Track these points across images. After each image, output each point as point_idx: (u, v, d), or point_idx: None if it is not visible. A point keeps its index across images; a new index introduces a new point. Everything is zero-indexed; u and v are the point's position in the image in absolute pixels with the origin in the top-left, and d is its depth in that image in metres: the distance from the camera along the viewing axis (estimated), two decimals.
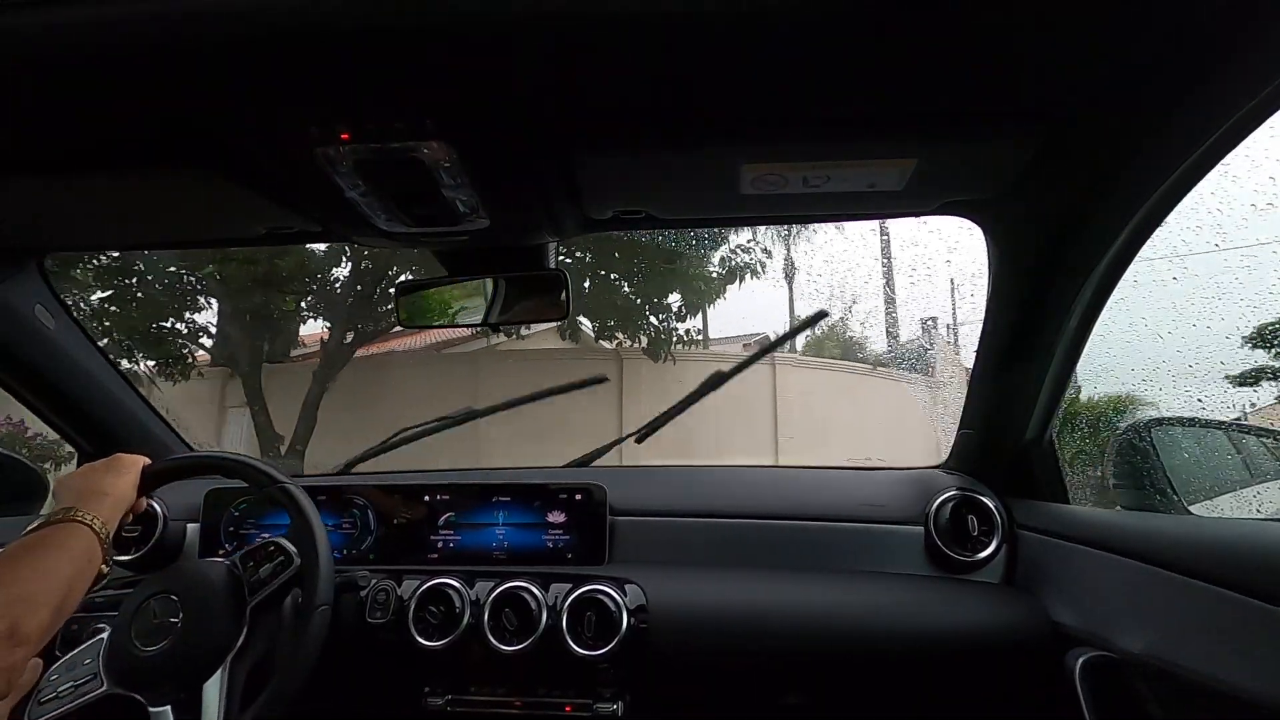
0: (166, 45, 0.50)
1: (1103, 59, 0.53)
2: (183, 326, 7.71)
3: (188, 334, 7.72)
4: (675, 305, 7.71)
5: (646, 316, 7.60)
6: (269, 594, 0.84)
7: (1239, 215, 0.98)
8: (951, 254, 5.38)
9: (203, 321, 8.07)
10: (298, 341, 9.04)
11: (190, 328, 7.86)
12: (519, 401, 1.35)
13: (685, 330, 7.71)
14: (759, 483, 1.21)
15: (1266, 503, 1.21)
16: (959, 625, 0.92)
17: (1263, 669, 0.59)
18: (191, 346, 7.46)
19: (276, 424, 7.25)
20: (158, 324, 7.21)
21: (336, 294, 7.44)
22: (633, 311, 7.51)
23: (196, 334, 7.91)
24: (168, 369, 7.30)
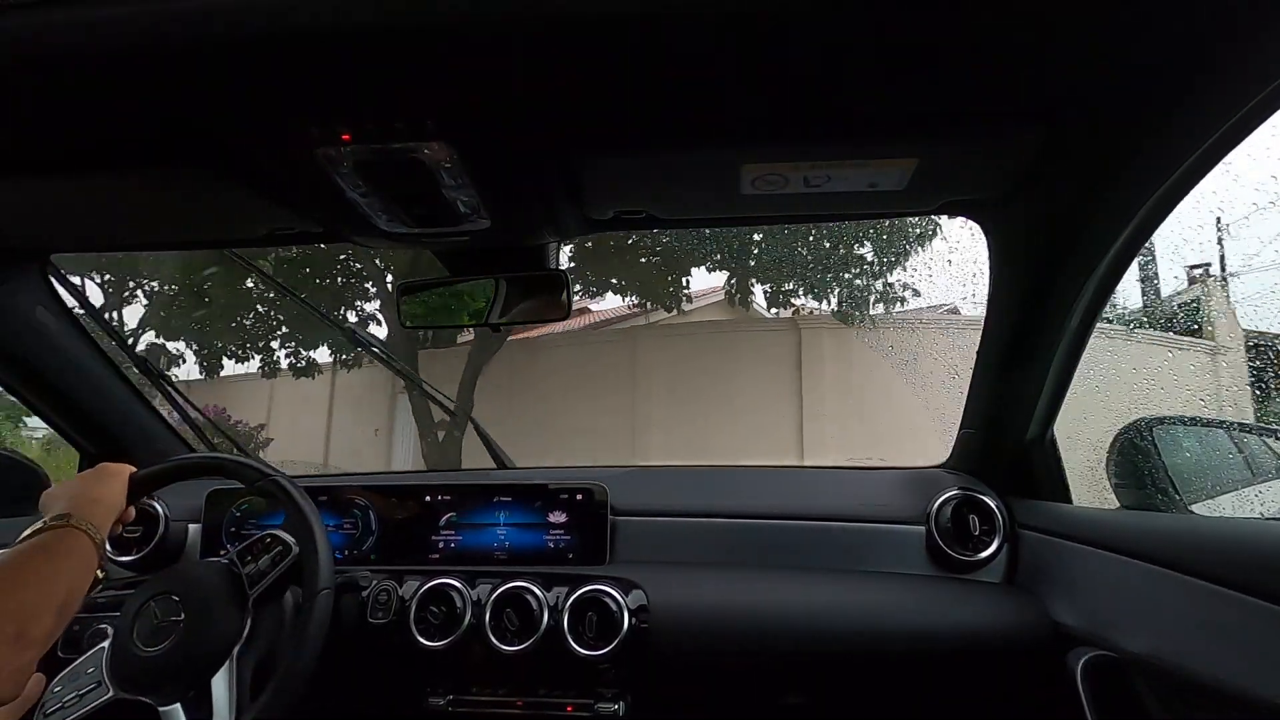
0: (168, 46, 0.50)
1: (1103, 58, 0.53)
2: (353, 315, 7.90)
3: (358, 321, 7.85)
4: (869, 258, 6.55)
5: (839, 272, 6.48)
6: (269, 585, 0.85)
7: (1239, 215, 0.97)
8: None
9: (371, 310, 8.28)
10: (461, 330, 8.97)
11: (360, 315, 8.06)
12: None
13: (883, 288, 6.57)
14: (760, 482, 1.21)
15: (1268, 502, 1.21)
16: (960, 625, 0.92)
17: (1265, 669, 0.59)
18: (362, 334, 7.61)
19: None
20: (333, 313, 7.36)
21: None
22: (819, 267, 6.47)
23: (365, 322, 8.02)
24: (344, 358, 7.45)
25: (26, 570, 0.68)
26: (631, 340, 8.24)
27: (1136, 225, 0.73)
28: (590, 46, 0.51)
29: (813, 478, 1.22)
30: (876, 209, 0.84)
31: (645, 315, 8.21)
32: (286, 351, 8.61)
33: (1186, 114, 0.58)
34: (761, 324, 8.07)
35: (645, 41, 0.50)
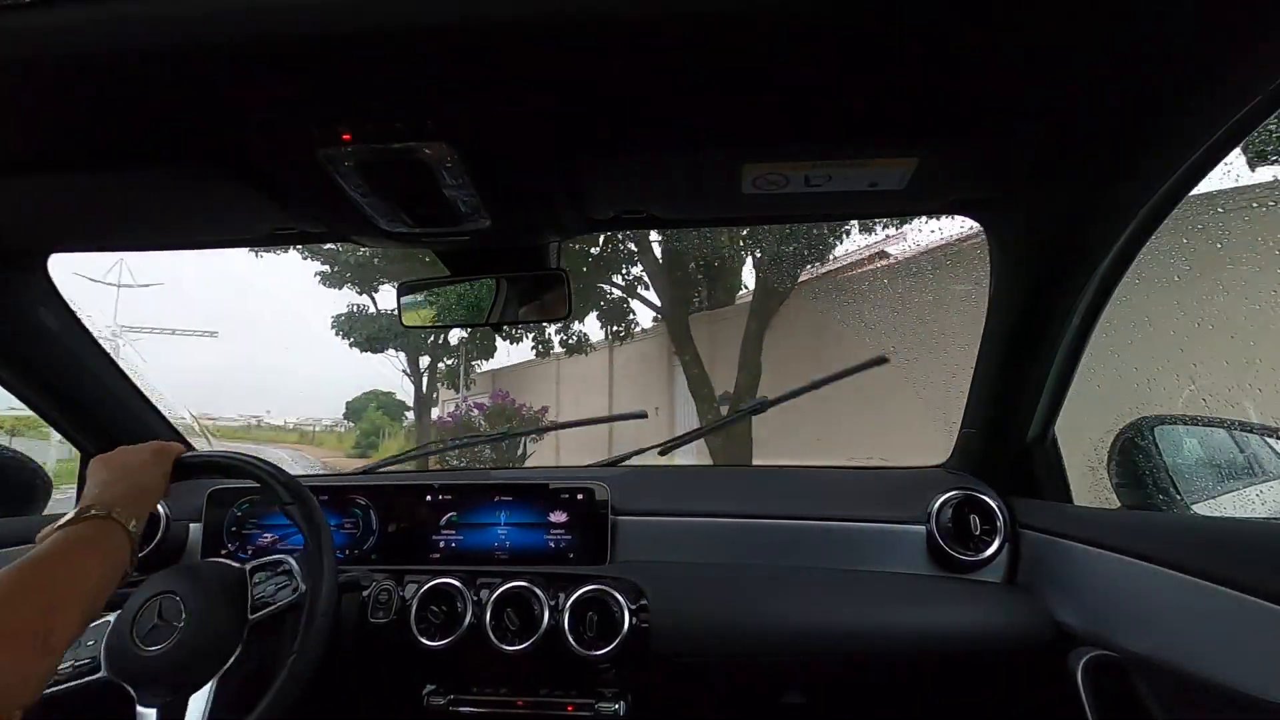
0: (169, 46, 0.50)
1: (1104, 58, 0.53)
2: (620, 280, 7.71)
3: (625, 288, 7.67)
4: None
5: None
6: (269, 614, 0.83)
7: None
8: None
9: (636, 273, 8.02)
10: (740, 286, 8.58)
11: (627, 280, 7.88)
12: (560, 426, 1.35)
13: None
14: (760, 482, 1.21)
15: (1270, 501, 1.21)
16: (961, 625, 0.92)
17: (1266, 669, 0.59)
18: (631, 303, 7.41)
19: (721, 375, 6.67)
20: (599, 284, 7.20)
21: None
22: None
23: (633, 286, 7.84)
24: (615, 330, 7.35)
25: (56, 567, 0.65)
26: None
27: (1138, 224, 0.73)
28: (591, 47, 0.51)
29: (813, 477, 1.22)
30: (877, 209, 0.84)
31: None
32: (556, 327, 8.43)
33: (1187, 114, 0.58)
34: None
35: (646, 42, 0.50)
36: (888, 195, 0.76)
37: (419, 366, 12.23)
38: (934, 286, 5.66)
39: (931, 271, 5.71)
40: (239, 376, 53.37)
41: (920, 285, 5.87)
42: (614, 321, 8.22)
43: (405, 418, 13.33)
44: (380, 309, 11.79)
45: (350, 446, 22.48)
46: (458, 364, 12.49)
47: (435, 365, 12.37)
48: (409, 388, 13.23)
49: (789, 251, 6.50)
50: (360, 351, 11.94)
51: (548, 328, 8.45)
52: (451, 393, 12.95)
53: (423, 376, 12.29)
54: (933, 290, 5.42)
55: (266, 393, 50.21)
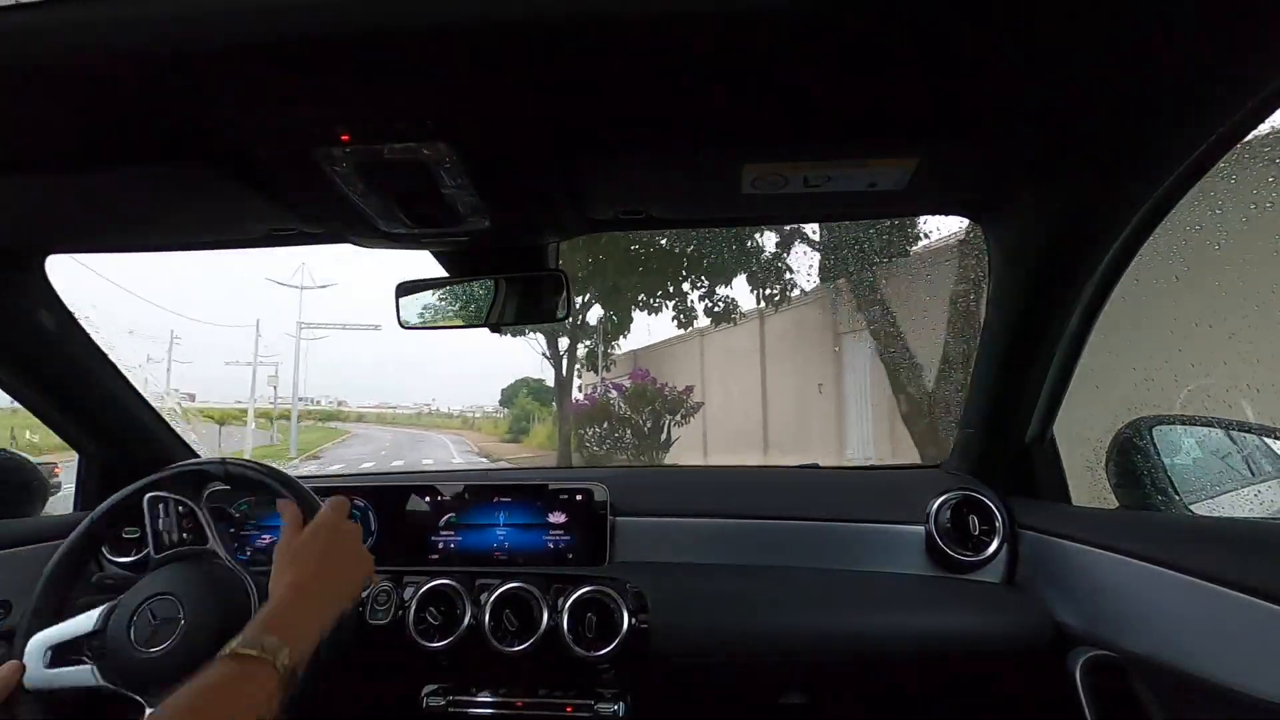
0: (167, 47, 0.50)
1: (1103, 60, 0.53)
2: (773, 235, 7.11)
3: (779, 242, 7.13)
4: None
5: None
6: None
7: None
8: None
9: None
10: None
11: (781, 233, 7.16)
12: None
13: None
14: (759, 483, 1.21)
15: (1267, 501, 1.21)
16: (960, 625, 0.92)
17: (1264, 668, 0.59)
18: (788, 259, 6.79)
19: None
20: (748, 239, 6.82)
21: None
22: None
23: (787, 242, 7.18)
24: (768, 294, 6.73)
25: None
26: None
27: (1136, 225, 0.73)
28: (591, 47, 0.51)
29: (812, 478, 1.22)
30: (877, 209, 0.84)
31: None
32: (700, 292, 7.63)
33: (1184, 115, 0.58)
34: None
35: (646, 43, 0.50)
36: (887, 196, 0.76)
37: (558, 349, 11.47)
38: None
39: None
40: (405, 370, 54.86)
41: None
42: (767, 284, 6.99)
43: (554, 403, 13.25)
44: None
45: (504, 432, 23.65)
46: (595, 344, 11.87)
47: (574, 347, 11.60)
48: (545, 365, 12.61)
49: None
50: (500, 335, 11.59)
51: (690, 293, 7.73)
52: (593, 375, 12.22)
53: (561, 359, 11.52)
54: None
55: (433, 383, 52.03)
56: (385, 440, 26.17)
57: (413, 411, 31.61)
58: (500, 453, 17.23)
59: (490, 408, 32.18)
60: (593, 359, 12.33)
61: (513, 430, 22.07)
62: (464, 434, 28.02)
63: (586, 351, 12.48)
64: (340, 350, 76.78)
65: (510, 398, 25.64)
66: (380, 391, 76.11)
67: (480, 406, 36.50)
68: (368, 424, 39.38)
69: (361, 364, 76.00)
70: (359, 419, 42.11)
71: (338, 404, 43.41)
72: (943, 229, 5.24)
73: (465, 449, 20.31)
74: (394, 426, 38.12)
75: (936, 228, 5.35)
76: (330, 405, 43.93)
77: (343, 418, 43.08)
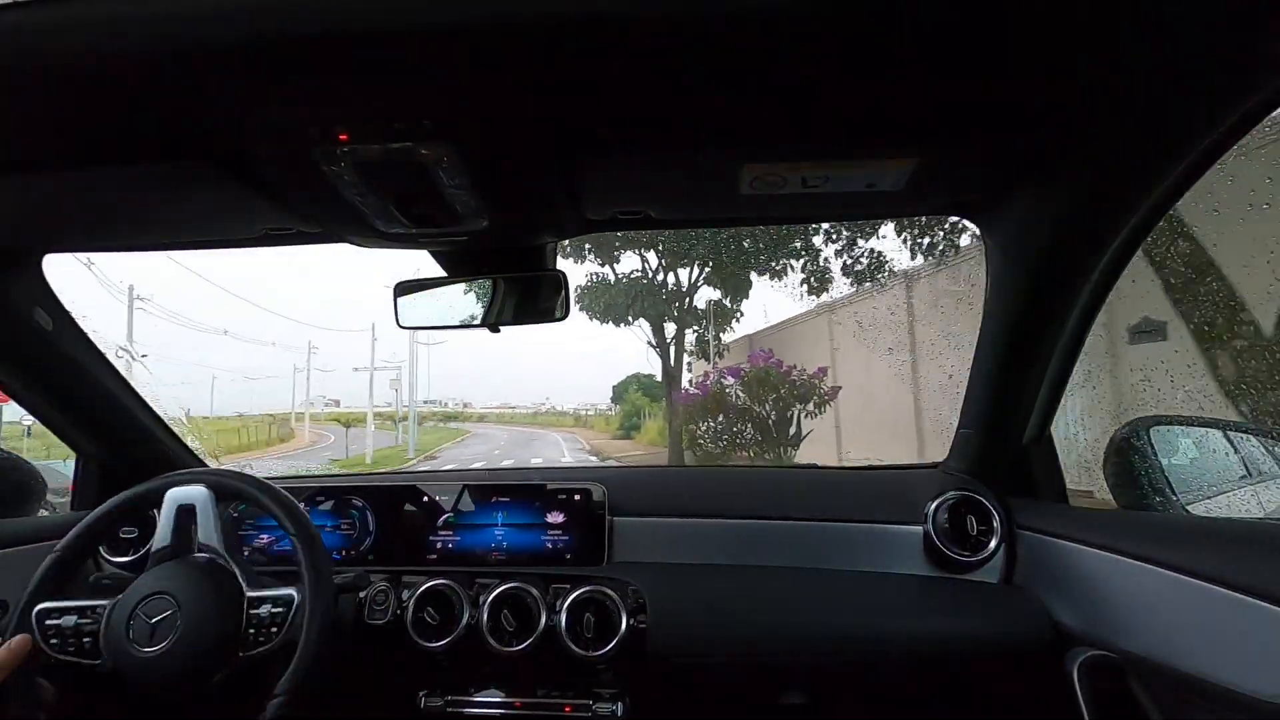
0: (165, 45, 0.50)
1: (1100, 61, 0.53)
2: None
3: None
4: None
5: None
6: (259, 653, 0.80)
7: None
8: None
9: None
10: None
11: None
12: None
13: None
14: (758, 483, 1.22)
15: (1264, 501, 1.21)
16: (959, 625, 0.92)
17: (1261, 668, 0.59)
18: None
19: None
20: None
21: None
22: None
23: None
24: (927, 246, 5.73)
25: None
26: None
27: (1134, 225, 0.74)
28: (590, 47, 0.51)
29: (810, 478, 1.22)
30: (875, 209, 0.84)
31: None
32: (839, 245, 6.33)
33: (1183, 115, 0.58)
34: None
35: (644, 43, 0.50)
36: (885, 196, 0.76)
37: (664, 336, 10.65)
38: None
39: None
40: (523, 371, 55.86)
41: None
42: (926, 234, 5.75)
43: (664, 399, 12.81)
44: (619, 275, 10.63)
45: (615, 428, 23.43)
46: (705, 329, 11.06)
47: (681, 333, 10.72)
48: (658, 363, 11.57)
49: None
50: (600, 323, 10.84)
51: (825, 249, 6.55)
52: (705, 364, 11.05)
53: (668, 346, 10.70)
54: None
55: (549, 382, 53.25)
56: (500, 440, 26.18)
57: (530, 411, 32.26)
58: (611, 450, 16.80)
59: (603, 405, 32.46)
60: (704, 345, 11.10)
61: (624, 427, 21.88)
62: (576, 431, 27.83)
63: (696, 337, 11.20)
64: (463, 354, 78.29)
65: (621, 394, 25.61)
66: (502, 393, 77.40)
67: (594, 404, 37.14)
68: (488, 424, 39.71)
69: (482, 367, 77.19)
70: (480, 419, 42.50)
71: (463, 405, 44.35)
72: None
73: (577, 447, 20.23)
74: (512, 426, 38.17)
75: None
76: (455, 407, 44.63)
77: (464, 418, 43.46)
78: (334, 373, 42.10)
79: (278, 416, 29.31)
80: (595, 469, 1.26)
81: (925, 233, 6.22)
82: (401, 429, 22.83)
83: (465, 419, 44.03)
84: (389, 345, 43.37)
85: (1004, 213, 0.81)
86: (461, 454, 20.10)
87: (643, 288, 10.50)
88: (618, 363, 39.39)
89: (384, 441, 21.64)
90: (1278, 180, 0.81)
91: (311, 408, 31.11)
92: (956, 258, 6.65)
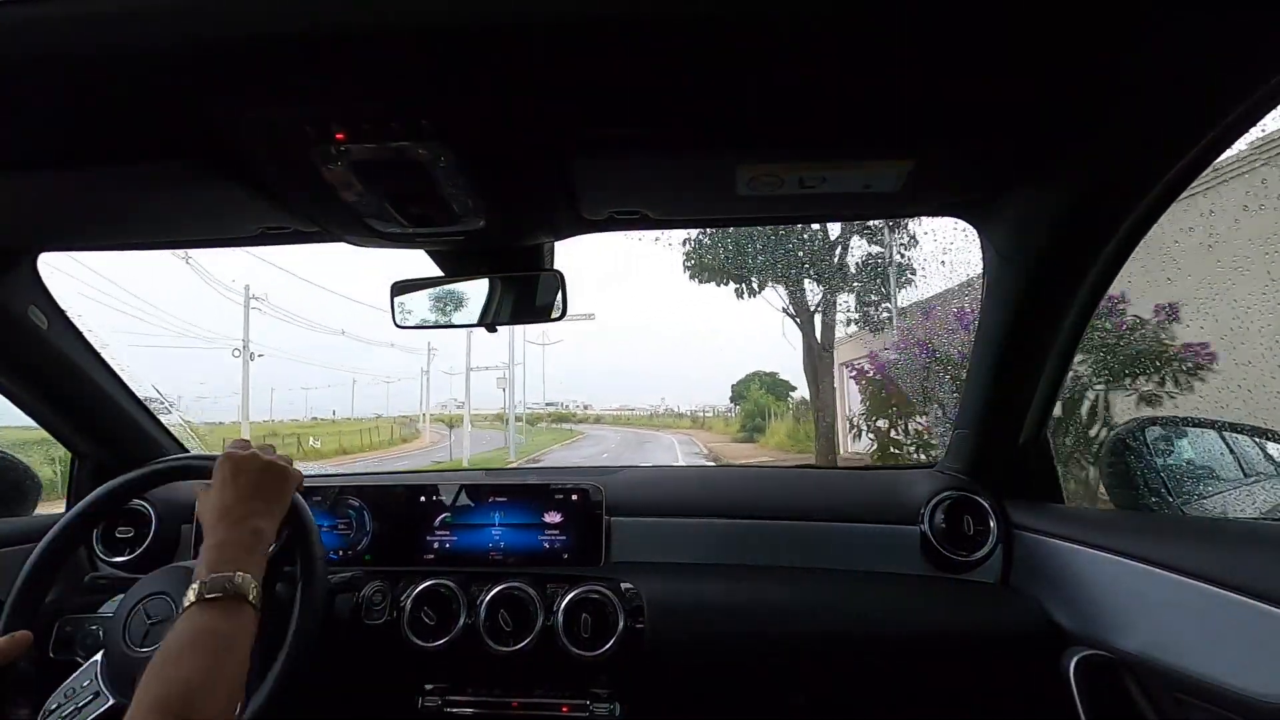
0: (161, 43, 0.49)
1: (1096, 61, 0.53)
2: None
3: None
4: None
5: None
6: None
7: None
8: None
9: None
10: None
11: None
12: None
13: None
14: (756, 483, 1.22)
15: (1259, 501, 1.22)
16: (956, 625, 0.93)
17: (1256, 667, 0.59)
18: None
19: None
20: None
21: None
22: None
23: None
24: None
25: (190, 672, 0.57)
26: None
27: (1130, 226, 0.74)
28: (587, 48, 0.51)
29: (807, 478, 1.23)
30: (871, 210, 0.84)
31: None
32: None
33: (1179, 117, 0.59)
34: None
35: (642, 43, 0.50)
36: (882, 197, 0.76)
37: (804, 303, 8.01)
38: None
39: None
40: (641, 373, 55.77)
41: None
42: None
43: (790, 396, 11.12)
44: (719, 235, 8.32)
45: (736, 430, 21.77)
46: (871, 285, 8.12)
47: (832, 298, 8.03)
48: (789, 362, 9.35)
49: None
50: (699, 282, 8.82)
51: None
52: (871, 336, 7.89)
53: (812, 315, 8.04)
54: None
55: (666, 383, 52.60)
56: (610, 442, 24.95)
57: (647, 413, 31.89)
58: (732, 454, 14.77)
59: (722, 406, 30.99)
60: (871, 309, 7.93)
61: (745, 428, 20.05)
62: (693, 434, 26.61)
63: (855, 300, 8.22)
64: (583, 355, 78.50)
65: (740, 393, 23.74)
66: (623, 395, 77.54)
67: (712, 406, 36.21)
68: (602, 426, 38.60)
69: (601, 368, 77.19)
70: (597, 420, 41.46)
71: (583, 407, 43.57)
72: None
73: (693, 451, 18.29)
74: (627, 428, 37.18)
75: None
76: (575, 408, 43.97)
77: (579, 420, 42.48)
78: (459, 375, 42.58)
79: (410, 417, 29.44)
80: (595, 469, 1.25)
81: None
82: (511, 429, 22.50)
83: (579, 420, 42.76)
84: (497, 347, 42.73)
85: (1000, 214, 0.81)
86: (568, 456, 18.84)
87: (774, 239, 7.94)
88: (735, 362, 38.89)
89: (496, 442, 20.69)
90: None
91: (444, 409, 31.47)
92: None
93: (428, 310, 1.04)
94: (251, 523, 0.72)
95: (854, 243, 8.02)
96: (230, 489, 0.73)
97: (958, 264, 4.84)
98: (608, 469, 1.21)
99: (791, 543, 1.05)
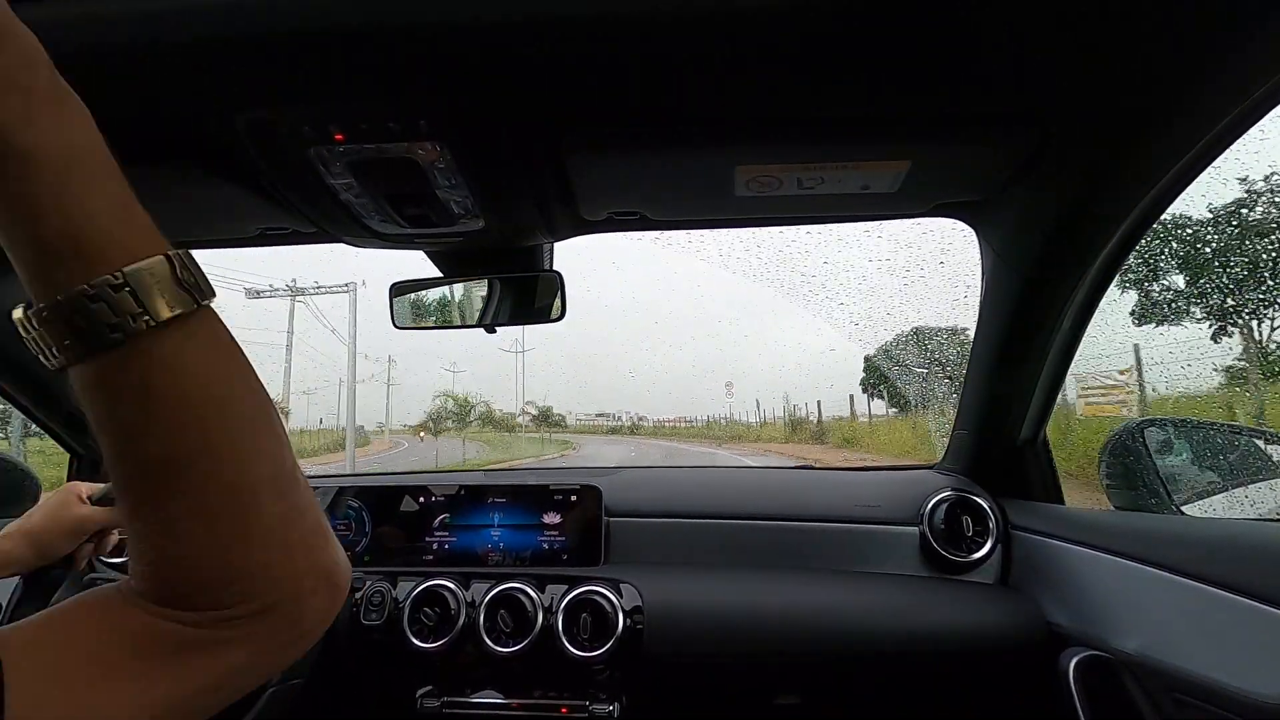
0: (159, 43, 0.50)
1: (1094, 63, 0.54)
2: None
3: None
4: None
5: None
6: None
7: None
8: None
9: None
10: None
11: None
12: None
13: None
14: (755, 483, 1.22)
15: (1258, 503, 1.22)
16: (954, 625, 0.92)
17: (1253, 667, 0.59)
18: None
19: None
20: None
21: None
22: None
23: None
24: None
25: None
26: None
27: (1128, 227, 0.74)
28: (583, 48, 0.51)
29: (807, 479, 1.23)
30: (869, 211, 0.84)
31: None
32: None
33: (1177, 117, 0.59)
34: None
35: (639, 44, 0.50)
36: (880, 197, 0.76)
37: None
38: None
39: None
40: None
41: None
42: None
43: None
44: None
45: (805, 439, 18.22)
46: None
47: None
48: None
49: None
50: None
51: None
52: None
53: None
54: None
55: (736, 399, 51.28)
56: (652, 456, 22.99)
57: (702, 424, 31.26)
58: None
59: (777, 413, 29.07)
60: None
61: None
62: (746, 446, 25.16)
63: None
64: (639, 366, 77.60)
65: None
66: (678, 405, 76.42)
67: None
68: (663, 438, 35.15)
69: (657, 378, 76.38)
70: (654, 434, 39.32)
71: (637, 419, 41.61)
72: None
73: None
74: (670, 440, 35.19)
75: None
76: (630, 420, 42.13)
77: (632, 432, 39.40)
78: (460, 374, 42.68)
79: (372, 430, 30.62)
80: (593, 469, 1.25)
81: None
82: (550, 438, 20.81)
83: (640, 433, 38.83)
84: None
85: (998, 215, 0.81)
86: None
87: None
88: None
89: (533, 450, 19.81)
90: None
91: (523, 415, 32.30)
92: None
93: (427, 311, 1.04)
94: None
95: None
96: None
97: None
98: (607, 469, 1.21)
99: (790, 543, 1.05)
